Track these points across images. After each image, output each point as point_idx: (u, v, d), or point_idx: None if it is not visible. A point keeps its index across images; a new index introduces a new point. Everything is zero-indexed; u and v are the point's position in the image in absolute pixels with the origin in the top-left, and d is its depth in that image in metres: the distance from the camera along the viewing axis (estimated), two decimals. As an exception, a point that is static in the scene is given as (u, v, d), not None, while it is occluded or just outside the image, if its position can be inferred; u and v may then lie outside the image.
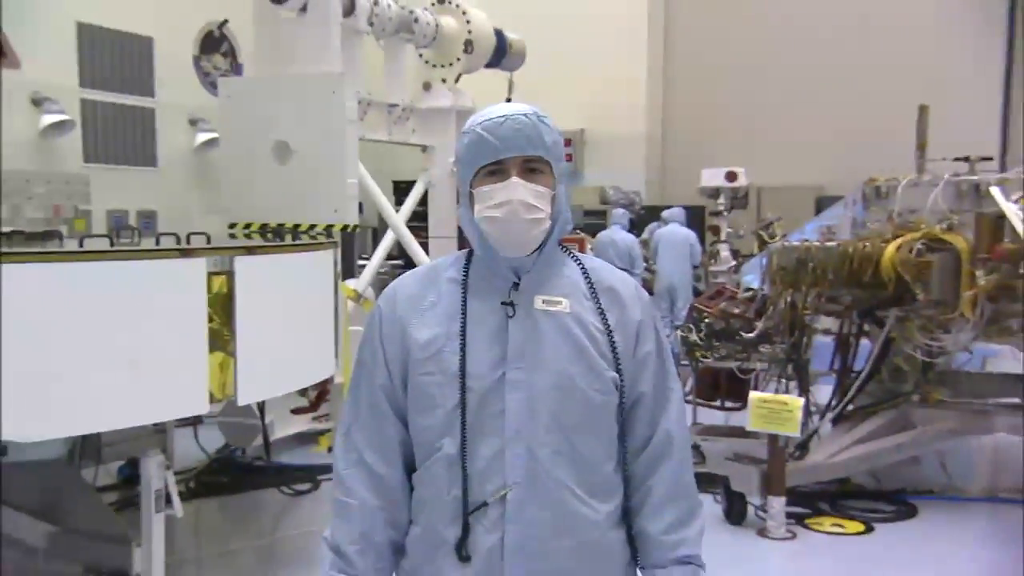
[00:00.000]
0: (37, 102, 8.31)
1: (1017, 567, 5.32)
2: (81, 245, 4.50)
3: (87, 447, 5.03)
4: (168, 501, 4.57)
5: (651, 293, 8.81)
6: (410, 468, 2.01)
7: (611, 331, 1.97)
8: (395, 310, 2.02)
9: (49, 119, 8.30)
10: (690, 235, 11.87)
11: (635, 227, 12.65)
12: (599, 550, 1.97)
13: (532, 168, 1.93)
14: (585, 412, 1.94)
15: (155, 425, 4.60)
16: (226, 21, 9.91)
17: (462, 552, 1.91)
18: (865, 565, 5.47)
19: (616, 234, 11.66)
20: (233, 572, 5.25)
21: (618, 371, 1.96)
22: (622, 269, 2.46)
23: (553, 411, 1.91)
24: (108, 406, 4.04)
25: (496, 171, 1.92)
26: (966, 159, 6.94)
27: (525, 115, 1.92)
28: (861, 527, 5.99)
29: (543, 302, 1.96)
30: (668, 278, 11.59)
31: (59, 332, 3.85)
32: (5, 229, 4.72)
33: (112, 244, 4.82)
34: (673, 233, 11.76)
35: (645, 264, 11.83)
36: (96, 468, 5.26)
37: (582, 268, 2.04)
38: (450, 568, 1.92)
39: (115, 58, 9.11)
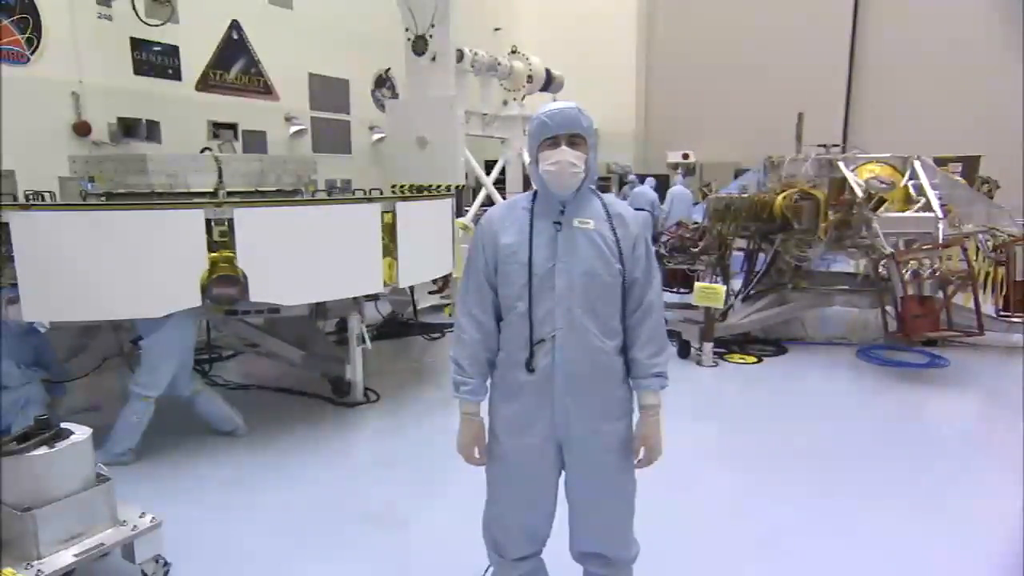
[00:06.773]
0: (288, 119, 8.34)
1: (837, 382, 5.27)
2: (313, 196, 4.49)
3: (320, 309, 5.09)
4: (363, 340, 4.66)
5: (662, 229, 8.25)
6: (499, 318, 1.95)
7: (619, 240, 1.87)
8: (491, 226, 1.94)
9: (294, 128, 8.35)
10: (689, 193, 10.97)
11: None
12: (608, 368, 1.91)
13: (574, 141, 1.82)
14: (602, 288, 1.85)
15: (354, 298, 4.63)
16: (389, 68, 9.80)
17: (530, 367, 1.87)
18: (757, 380, 5.37)
19: (645, 190, 10.71)
20: (398, 379, 5.36)
21: (622, 264, 1.87)
22: (641, 210, 2.30)
23: (583, 287, 1.84)
24: (329, 286, 4.09)
25: (552, 143, 1.82)
26: (824, 145, 6.63)
27: (571, 108, 1.82)
28: (755, 359, 5.87)
29: (578, 222, 1.86)
30: (676, 218, 10.92)
31: (301, 244, 3.87)
32: (272, 188, 4.71)
33: (329, 195, 4.82)
34: (681, 192, 11.03)
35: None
36: (324, 321, 5.34)
37: (603, 202, 1.93)
38: (523, 376, 1.89)
39: (328, 92, 9.02)
